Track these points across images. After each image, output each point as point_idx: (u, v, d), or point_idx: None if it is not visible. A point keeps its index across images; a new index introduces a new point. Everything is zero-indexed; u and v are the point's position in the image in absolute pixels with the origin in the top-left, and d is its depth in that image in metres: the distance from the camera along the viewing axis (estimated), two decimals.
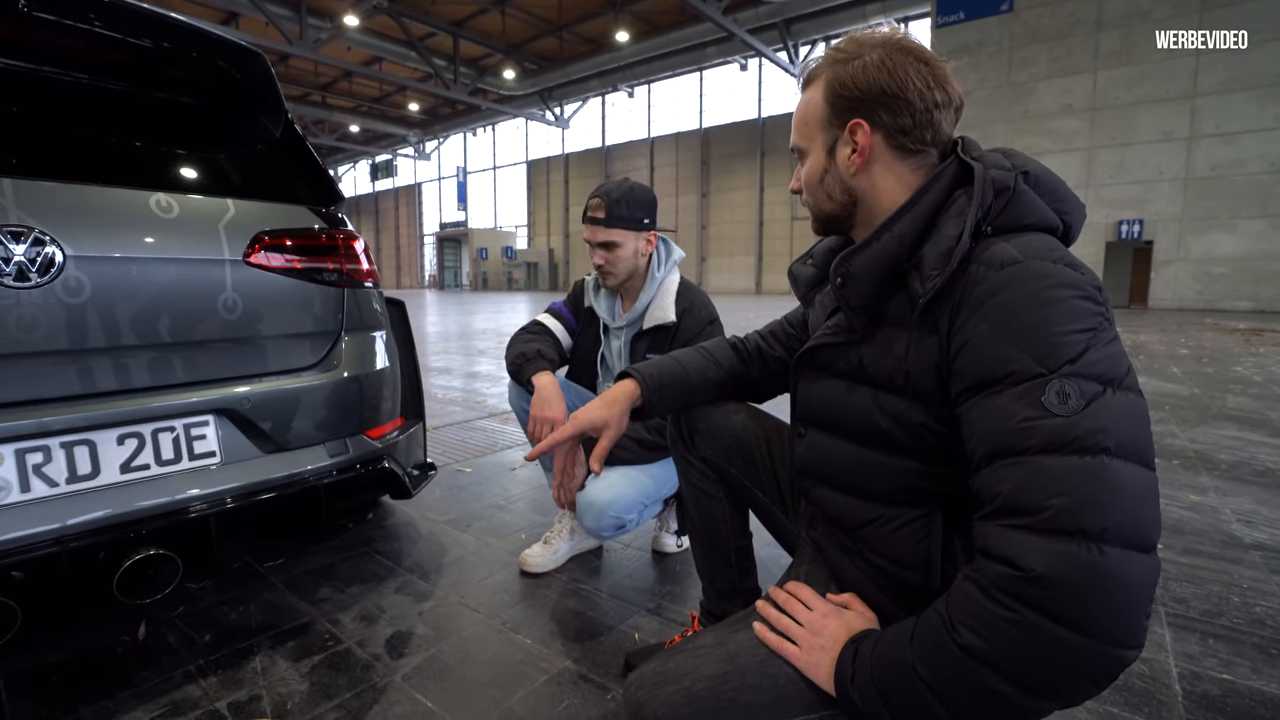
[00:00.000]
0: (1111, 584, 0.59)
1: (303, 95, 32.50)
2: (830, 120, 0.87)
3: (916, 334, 0.78)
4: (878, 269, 0.81)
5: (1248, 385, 4.90)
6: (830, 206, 0.91)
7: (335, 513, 1.62)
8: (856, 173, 0.86)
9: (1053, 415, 0.63)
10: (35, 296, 1.19)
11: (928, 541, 0.82)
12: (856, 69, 0.83)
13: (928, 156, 0.85)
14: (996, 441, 0.67)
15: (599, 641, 1.51)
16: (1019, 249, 0.72)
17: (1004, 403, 0.67)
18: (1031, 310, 0.67)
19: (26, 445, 1.18)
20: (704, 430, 1.19)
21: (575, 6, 23.05)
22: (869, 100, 0.83)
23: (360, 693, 1.31)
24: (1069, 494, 0.61)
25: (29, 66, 1.37)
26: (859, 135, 0.84)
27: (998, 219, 0.76)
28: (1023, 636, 0.61)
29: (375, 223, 50.38)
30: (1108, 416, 0.63)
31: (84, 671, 1.37)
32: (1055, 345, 0.65)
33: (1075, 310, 0.67)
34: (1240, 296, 14.83)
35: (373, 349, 1.76)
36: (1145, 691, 1.30)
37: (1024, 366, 0.66)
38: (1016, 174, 0.78)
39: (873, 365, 0.84)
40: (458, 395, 4.90)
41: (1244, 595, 1.69)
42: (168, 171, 1.46)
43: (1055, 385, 0.64)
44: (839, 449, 0.90)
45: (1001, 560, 0.63)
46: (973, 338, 0.70)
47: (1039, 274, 0.69)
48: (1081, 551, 0.59)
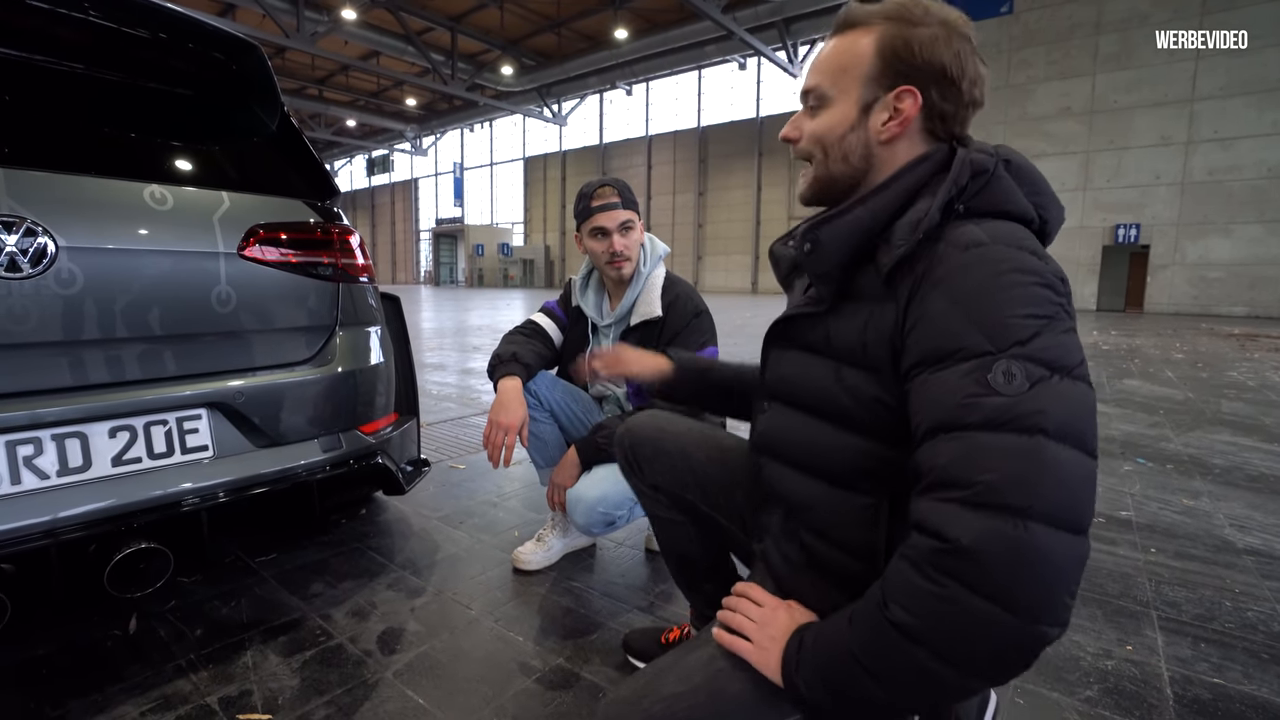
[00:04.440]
0: (1035, 560, 0.60)
1: (299, 89, 32.37)
2: (878, 77, 0.81)
3: (878, 305, 0.78)
4: (847, 239, 0.80)
5: (1242, 390, 4.92)
6: (841, 168, 0.86)
7: (328, 508, 1.61)
8: (888, 140, 0.83)
9: (996, 394, 0.64)
10: (27, 287, 1.18)
11: (875, 530, 0.82)
12: (926, 36, 0.79)
13: (942, 145, 0.83)
14: (939, 416, 0.67)
15: (591, 639, 1.51)
16: (987, 232, 0.72)
17: (950, 378, 0.67)
18: (989, 291, 0.68)
19: (17, 437, 1.17)
20: (652, 458, 1.17)
21: (574, 3, 22.99)
22: (929, 72, 0.79)
23: (351, 689, 1.31)
24: (999, 470, 0.62)
25: (24, 55, 1.36)
26: (906, 103, 0.80)
27: (973, 200, 0.76)
28: (948, 610, 0.62)
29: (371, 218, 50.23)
30: (1050, 400, 0.63)
31: (74, 665, 1.36)
32: (1008, 326, 0.66)
33: (1033, 295, 0.67)
34: (1235, 301, 14.90)
35: (367, 344, 1.75)
36: (1136, 695, 1.30)
37: (974, 343, 0.66)
38: (997, 160, 0.78)
39: (837, 338, 0.83)
40: (452, 391, 4.89)
41: (1236, 600, 1.69)
42: (162, 163, 1.45)
43: (1002, 365, 0.64)
44: (797, 422, 0.89)
45: (931, 533, 0.64)
46: (928, 312, 0.71)
47: (1002, 257, 0.69)
48: (1007, 527, 0.60)
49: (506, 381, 1.65)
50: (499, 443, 1.54)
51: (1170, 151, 15.26)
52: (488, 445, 1.55)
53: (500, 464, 1.54)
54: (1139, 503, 2.43)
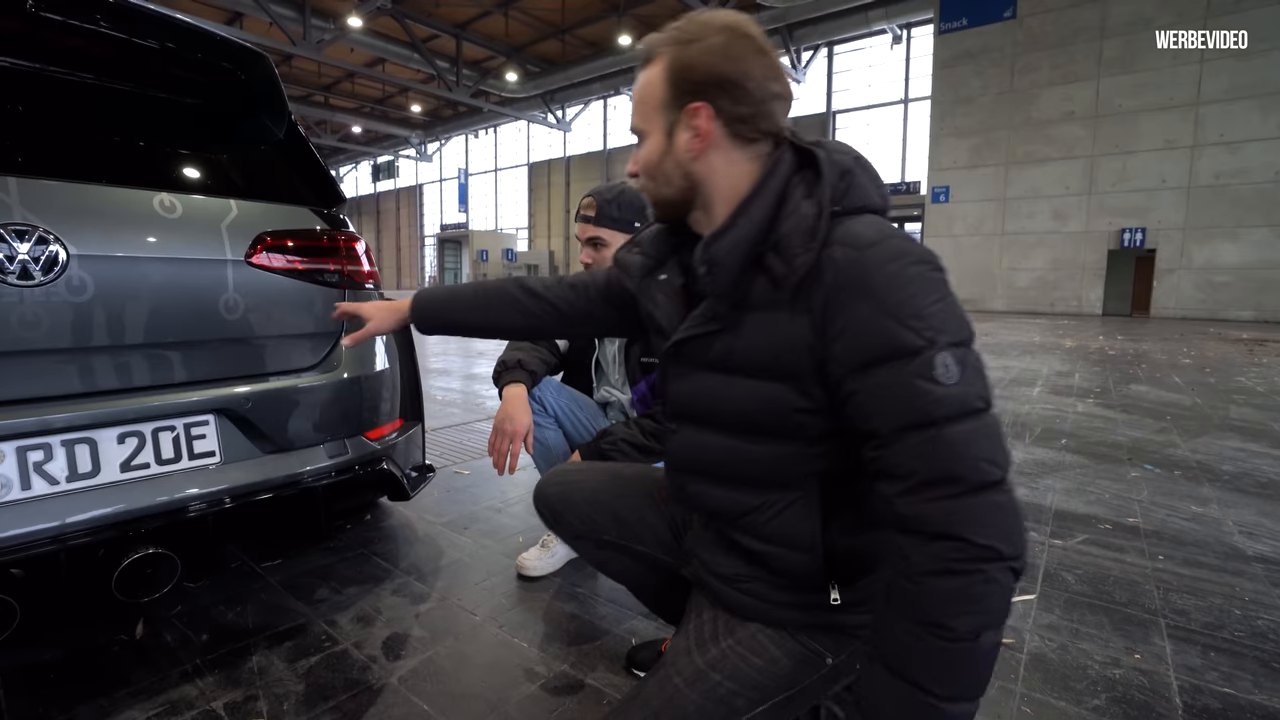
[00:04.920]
0: (1017, 513, 0.70)
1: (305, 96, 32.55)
2: (670, 102, 0.85)
3: (786, 315, 0.79)
4: (740, 253, 0.82)
5: (1251, 396, 4.89)
6: (669, 191, 0.90)
7: (333, 514, 1.62)
8: (696, 157, 0.85)
9: (944, 385, 0.70)
10: (39, 295, 1.19)
11: (811, 519, 0.85)
12: (699, 51, 0.82)
13: (762, 145, 0.85)
14: (903, 415, 0.71)
15: (595, 645, 1.50)
16: (870, 230, 0.76)
17: (899, 377, 0.71)
18: (902, 287, 0.72)
19: (28, 443, 1.18)
20: (565, 511, 1.19)
21: (578, 10, 23.09)
22: (710, 84, 0.82)
23: (356, 694, 1.31)
24: (978, 455, 0.69)
25: (35, 66, 1.37)
26: (700, 119, 0.83)
27: (844, 199, 0.79)
28: (993, 588, 0.68)
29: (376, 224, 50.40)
30: (975, 376, 0.72)
31: (81, 670, 1.37)
32: (928, 316, 0.72)
33: (932, 282, 0.74)
34: (1243, 306, 14.81)
35: (372, 350, 1.76)
36: (1145, 704, 1.29)
37: (908, 340, 0.71)
38: (852, 158, 0.82)
39: (741, 353, 0.84)
40: (456, 397, 4.90)
41: (1246, 608, 1.68)
42: (171, 171, 1.46)
43: (940, 358, 0.70)
44: (713, 442, 0.91)
45: (947, 535, 0.69)
46: (854, 318, 0.74)
47: (899, 251, 0.74)
48: (1001, 497, 0.69)
49: (511, 389, 1.66)
50: (504, 450, 1.54)
51: (1176, 155, 15.20)
52: (493, 452, 1.55)
53: (505, 471, 1.54)
54: (1146, 509, 2.42)
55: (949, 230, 18.12)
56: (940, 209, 18.21)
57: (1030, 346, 8.49)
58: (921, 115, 21.09)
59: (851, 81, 24.14)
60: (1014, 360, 7.00)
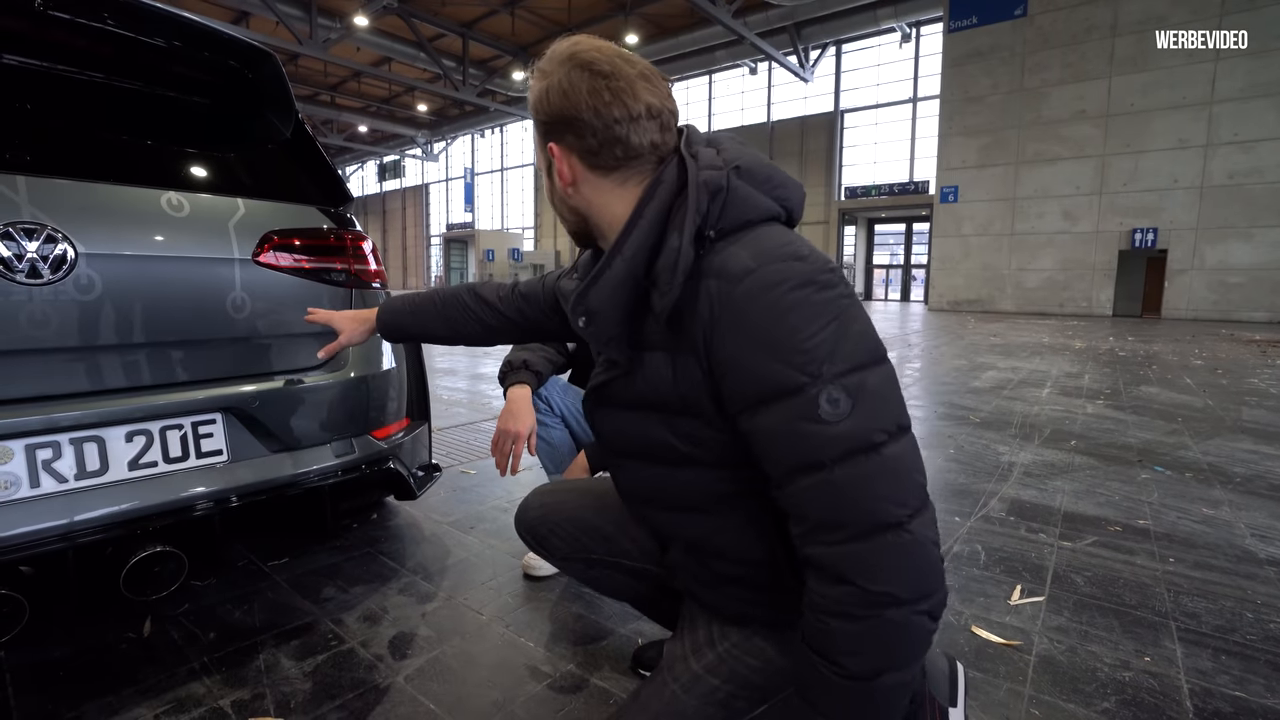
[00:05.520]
0: (923, 549, 0.68)
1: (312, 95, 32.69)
2: (539, 142, 0.85)
3: (675, 354, 0.78)
4: (618, 298, 0.78)
5: (1264, 398, 4.84)
6: (570, 222, 0.90)
7: (340, 513, 1.62)
8: (569, 195, 0.85)
9: (829, 424, 0.67)
10: (47, 293, 1.19)
11: (765, 538, 0.84)
12: (540, 93, 0.81)
13: (636, 167, 0.81)
14: (789, 458, 0.70)
15: (602, 645, 1.50)
16: (749, 254, 0.72)
17: (782, 418, 0.69)
18: (779, 320, 0.69)
19: (36, 441, 1.19)
20: (549, 534, 1.18)
21: (585, 9, 23.09)
22: (552, 124, 0.81)
23: (363, 693, 1.31)
24: (870, 498, 0.67)
25: (43, 65, 1.38)
26: (557, 159, 0.83)
27: (719, 222, 0.75)
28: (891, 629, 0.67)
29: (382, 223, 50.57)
30: (872, 408, 0.68)
31: (89, 667, 1.38)
32: (810, 350, 0.68)
33: (816, 307, 0.69)
34: (1257, 307, 14.67)
35: (379, 350, 1.76)
36: (1155, 707, 1.28)
37: (789, 379, 0.68)
38: (728, 171, 0.76)
39: (649, 391, 0.83)
40: (463, 397, 4.91)
41: (1258, 611, 1.66)
42: (179, 170, 1.47)
43: (825, 394, 0.67)
44: (647, 473, 0.90)
45: (842, 580, 0.68)
46: (733, 355, 0.71)
47: (775, 280, 0.70)
48: (897, 539, 0.66)
49: (516, 389, 1.66)
50: (506, 450, 1.54)
51: (1188, 155, 15.07)
52: (495, 453, 1.55)
53: (508, 472, 1.54)
54: (1157, 511, 2.39)
55: (958, 230, 18.04)
56: (949, 209, 18.12)
57: (1039, 348, 8.43)
58: (930, 114, 20.99)
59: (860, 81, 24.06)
60: (1023, 361, 6.96)
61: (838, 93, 24.33)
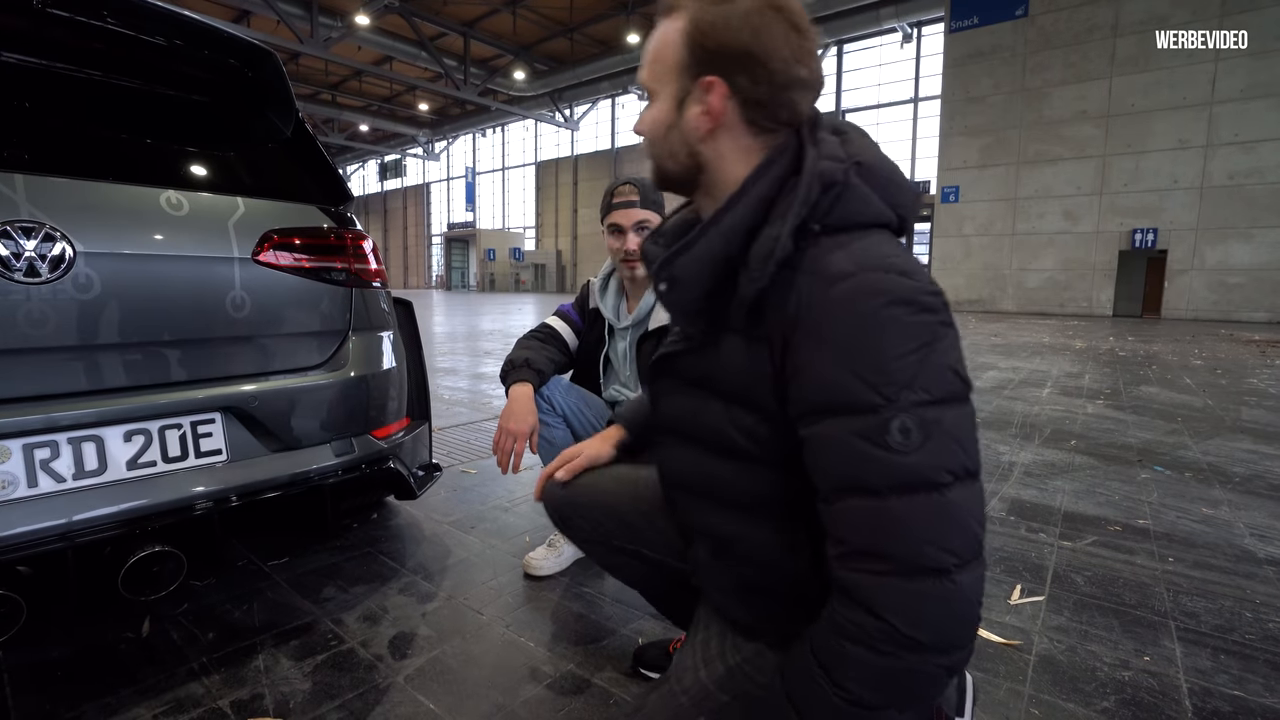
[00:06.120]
0: (963, 603, 0.64)
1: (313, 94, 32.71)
2: (685, 67, 0.74)
3: (751, 342, 0.73)
4: (705, 271, 0.74)
5: (1263, 398, 4.84)
6: (672, 166, 0.81)
7: (340, 512, 1.62)
8: (703, 138, 0.76)
9: (896, 452, 0.63)
10: (45, 292, 1.19)
11: (797, 557, 0.80)
12: (723, 15, 0.71)
13: (778, 137, 0.75)
14: (843, 475, 0.66)
15: (602, 645, 1.50)
16: (851, 258, 0.67)
17: (845, 435, 0.65)
18: (867, 335, 0.64)
19: (34, 440, 1.18)
20: (574, 516, 1.16)
21: (586, 8, 23.10)
22: (730, 56, 0.71)
23: (363, 693, 1.31)
24: (919, 537, 0.63)
25: (43, 63, 1.38)
26: (712, 95, 0.73)
27: (827, 216, 0.70)
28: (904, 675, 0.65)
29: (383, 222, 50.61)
30: (944, 445, 0.64)
31: (88, 667, 1.38)
32: (892, 372, 0.63)
33: (910, 329, 0.64)
34: (1257, 307, 14.66)
35: (380, 349, 1.76)
36: (1154, 707, 1.28)
37: (863, 397, 0.64)
38: (848, 166, 0.71)
39: (716, 375, 0.78)
40: (464, 396, 4.91)
41: (1257, 611, 1.66)
42: (178, 169, 1.47)
43: (896, 421, 0.63)
44: (694, 458, 0.86)
45: (871, 611, 0.65)
46: (809, 361, 0.67)
47: (873, 290, 0.65)
48: (938, 588, 0.63)
49: (518, 388, 1.65)
50: (508, 449, 1.54)
51: (1189, 155, 15.06)
52: (497, 452, 1.55)
53: (509, 470, 1.54)
54: (1156, 511, 2.39)
55: (958, 230, 18.03)
56: (950, 209, 18.12)
57: (1040, 347, 8.43)
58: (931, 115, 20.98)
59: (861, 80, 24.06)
60: (1023, 361, 6.96)
61: (839, 92, 24.32)
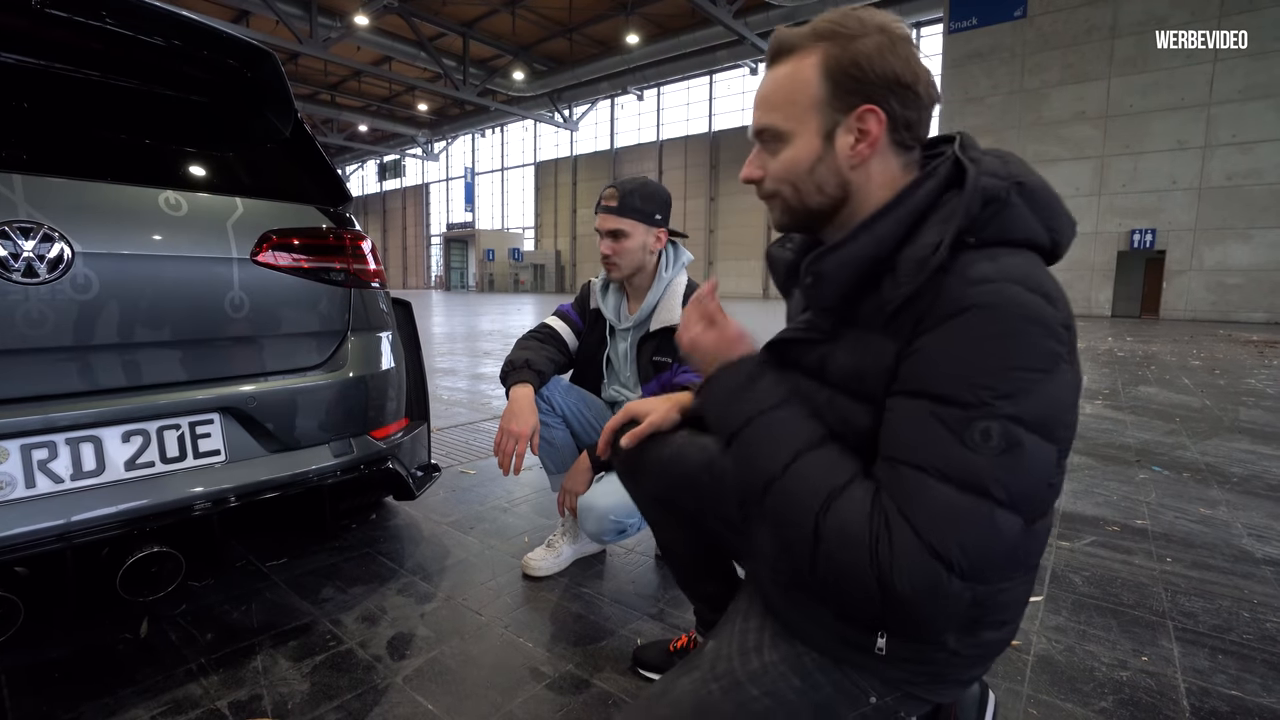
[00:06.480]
0: (949, 601, 0.66)
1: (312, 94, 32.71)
2: (832, 101, 0.77)
3: (880, 338, 0.75)
4: (852, 270, 0.76)
5: (1261, 398, 4.85)
6: (818, 200, 0.81)
7: (339, 513, 1.62)
8: (857, 165, 0.78)
9: (969, 448, 0.64)
10: (43, 293, 1.19)
11: None
12: (870, 49, 0.74)
13: (915, 154, 0.80)
14: (907, 446, 0.68)
15: (601, 646, 1.50)
16: (996, 268, 0.68)
17: (928, 415, 0.67)
18: (992, 338, 0.65)
19: (32, 441, 1.18)
20: (645, 466, 1.16)
21: (586, 8, 23.11)
22: (883, 85, 0.75)
23: (361, 694, 1.31)
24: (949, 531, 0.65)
25: (41, 63, 1.38)
26: (871, 122, 0.76)
27: (984, 230, 0.71)
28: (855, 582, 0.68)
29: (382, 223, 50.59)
30: (1015, 469, 0.65)
31: (86, 668, 1.38)
32: (1001, 380, 0.64)
33: (1034, 349, 0.65)
34: (1255, 308, 14.69)
35: (378, 349, 1.76)
36: (1152, 706, 1.28)
37: (964, 395, 0.65)
38: (1010, 184, 0.73)
39: (833, 365, 0.80)
40: (463, 397, 4.91)
41: (1254, 611, 1.66)
42: (177, 169, 1.46)
43: (983, 423, 0.64)
44: None
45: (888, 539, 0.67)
46: (928, 345, 0.69)
47: (1013, 301, 0.66)
48: (939, 575, 0.65)
49: (518, 389, 1.65)
50: (509, 450, 1.54)
51: (1187, 156, 15.09)
52: (498, 453, 1.55)
53: (510, 471, 1.54)
54: (1155, 511, 2.40)
55: None
56: None
57: None
58: None
59: None
60: None
61: None
